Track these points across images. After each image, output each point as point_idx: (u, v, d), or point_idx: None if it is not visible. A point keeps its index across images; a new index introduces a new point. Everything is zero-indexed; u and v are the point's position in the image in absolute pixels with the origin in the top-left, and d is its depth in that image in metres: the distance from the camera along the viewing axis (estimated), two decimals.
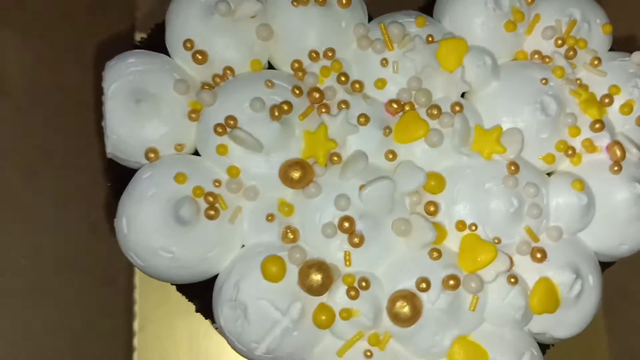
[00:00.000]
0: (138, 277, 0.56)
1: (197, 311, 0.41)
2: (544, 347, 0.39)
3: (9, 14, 0.48)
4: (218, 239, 0.36)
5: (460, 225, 0.36)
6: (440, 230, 0.36)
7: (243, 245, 0.37)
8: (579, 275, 0.37)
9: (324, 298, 0.35)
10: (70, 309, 0.52)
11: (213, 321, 0.38)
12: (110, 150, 0.37)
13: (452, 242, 0.37)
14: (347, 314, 0.34)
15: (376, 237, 0.35)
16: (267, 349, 0.35)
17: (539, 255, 0.36)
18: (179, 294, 0.43)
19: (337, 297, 0.35)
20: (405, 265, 0.36)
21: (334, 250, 0.35)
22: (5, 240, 0.47)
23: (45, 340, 0.52)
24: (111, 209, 0.43)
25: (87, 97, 0.59)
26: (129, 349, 0.54)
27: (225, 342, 0.54)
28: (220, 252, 0.36)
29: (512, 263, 0.36)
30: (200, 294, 0.39)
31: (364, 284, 0.35)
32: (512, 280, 0.36)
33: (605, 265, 0.40)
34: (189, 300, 0.42)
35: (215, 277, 0.37)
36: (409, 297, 0.35)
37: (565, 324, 0.37)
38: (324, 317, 0.34)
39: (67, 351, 0.52)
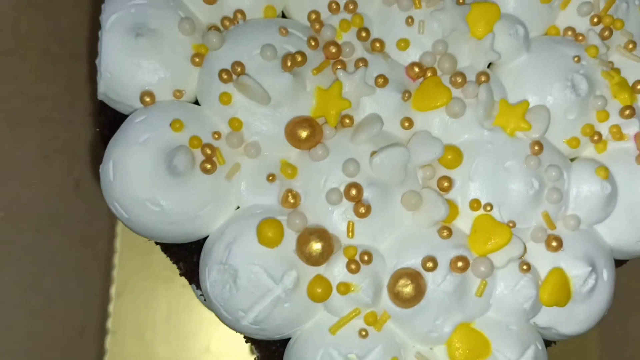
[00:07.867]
0: (119, 241, 0.53)
1: (181, 275, 0.39)
2: (545, 343, 0.37)
3: None
4: (212, 196, 0.33)
5: (475, 204, 0.33)
6: (452, 208, 0.33)
7: (238, 207, 0.34)
8: (594, 268, 0.34)
9: (321, 269, 0.32)
10: (46, 267, 0.50)
11: (198, 286, 0.35)
12: (103, 90, 0.34)
13: (464, 221, 0.34)
14: (345, 289, 0.32)
15: (384, 208, 0.32)
16: (255, 319, 0.32)
17: (554, 244, 0.34)
18: (161, 262, 0.40)
19: (336, 270, 0.32)
20: (412, 241, 0.33)
21: (337, 220, 0.32)
22: None
23: (18, 297, 0.49)
24: (97, 157, 0.40)
25: (80, 47, 0.56)
26: (104, 315, 0.51)
27: (204, 315, 0.51)
28: (213, 211, 0.33)
29: (525, 249, 0.34)
30: (187, 256, 0.37)
31: (366, 257, 0.32)
32: (525, 267, 0.33)
33: (617, 263, 0.38)
34: (174, 263, 0.39)
35: (204, 239, 0.34)
36: (413, 275, 0.32)
37: (573, 319, 0.35)
38: (319, 290, 0.32)
39: (39, 310, 0.49)
